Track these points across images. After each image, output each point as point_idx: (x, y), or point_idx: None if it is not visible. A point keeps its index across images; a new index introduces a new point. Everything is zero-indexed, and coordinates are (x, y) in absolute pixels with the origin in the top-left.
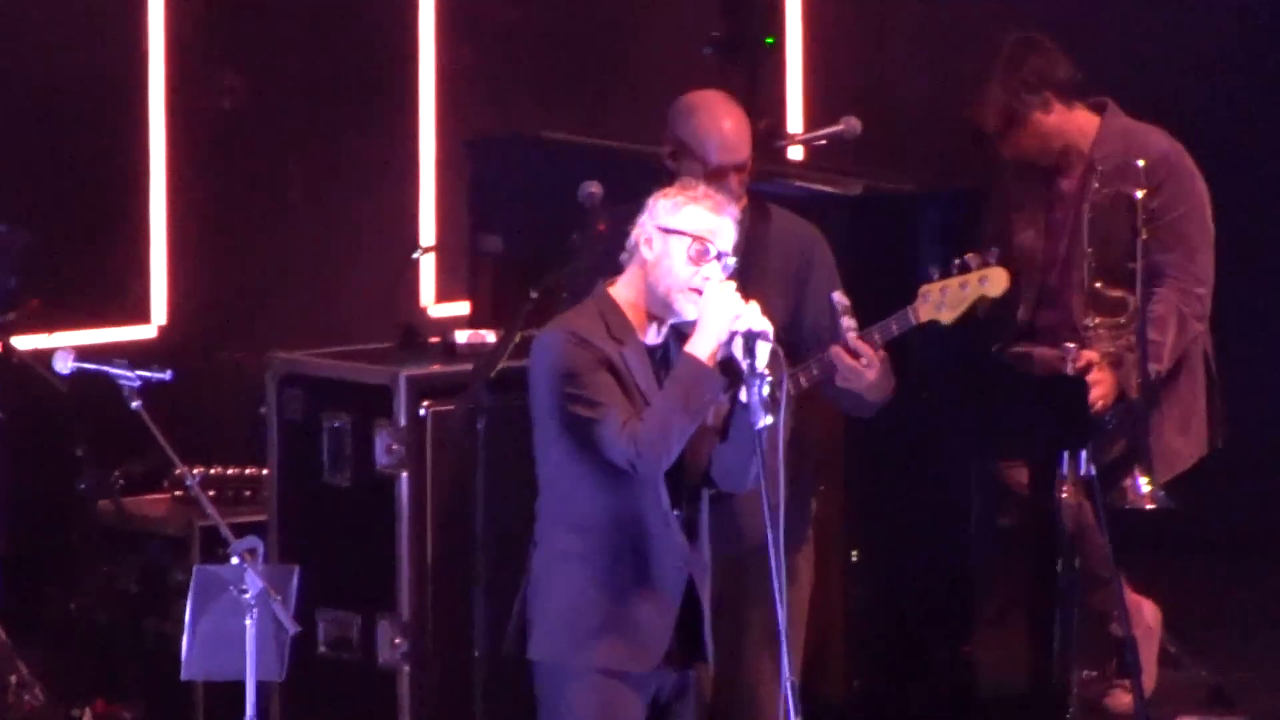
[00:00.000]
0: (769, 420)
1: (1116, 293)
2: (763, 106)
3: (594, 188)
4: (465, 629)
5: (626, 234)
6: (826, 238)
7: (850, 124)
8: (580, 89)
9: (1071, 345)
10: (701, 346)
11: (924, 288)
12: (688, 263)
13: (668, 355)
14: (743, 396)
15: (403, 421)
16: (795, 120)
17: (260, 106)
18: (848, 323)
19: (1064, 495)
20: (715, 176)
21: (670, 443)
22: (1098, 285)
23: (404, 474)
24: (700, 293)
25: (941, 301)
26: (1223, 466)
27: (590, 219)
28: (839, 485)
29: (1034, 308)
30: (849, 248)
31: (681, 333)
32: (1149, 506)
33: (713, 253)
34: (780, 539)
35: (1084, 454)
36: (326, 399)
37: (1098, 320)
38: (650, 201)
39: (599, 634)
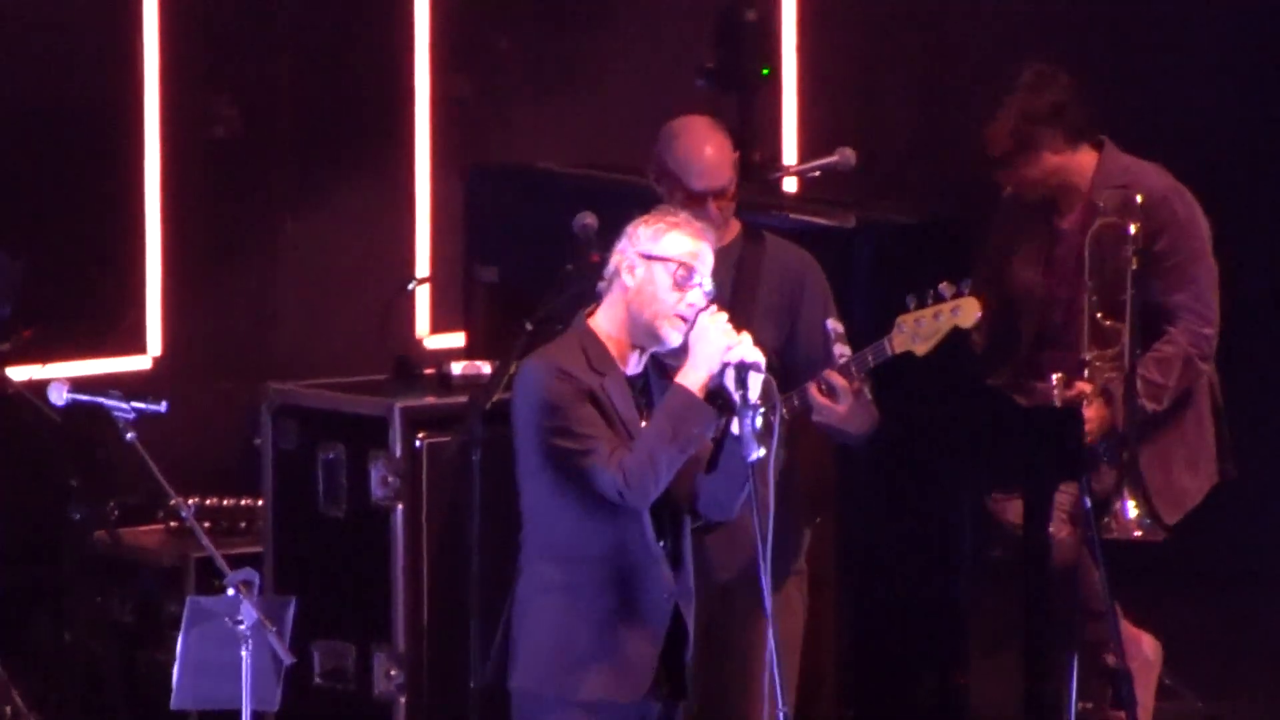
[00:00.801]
0: (761, 452)
1: (1111, 323)
2: (757, 138)
3: (589, 219)
4: (461, 660)
5: None
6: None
7: (845, 155)
8: (575, 120)
9: (1057, 376)
10: (693, 378)
11: (899, 318)
12: (672, 288)
13: (648, 385)
14: (734, 428)
15: (398, 453)
16: (790, 152)
17: (255, 136)
18: (841, 350)
19: (1058, 529)
20: (695, 202)
21: (659, 474)
22: (1098, 316)
23: (399, 505)
24: (685, 319)
25: (916, 332)
26: (1221, 496)
27: (585, 250)
28: (831, 516)
29: (1034, 346)
30: (843, 279)
31: (660, 363)
32: (1136, 534)
33: (696, 278)
34: (768, 569)
35: (1079, 486)
36: (321, 430)
37: (1094, 353)
38: (630, 229)
39: (583, 665)
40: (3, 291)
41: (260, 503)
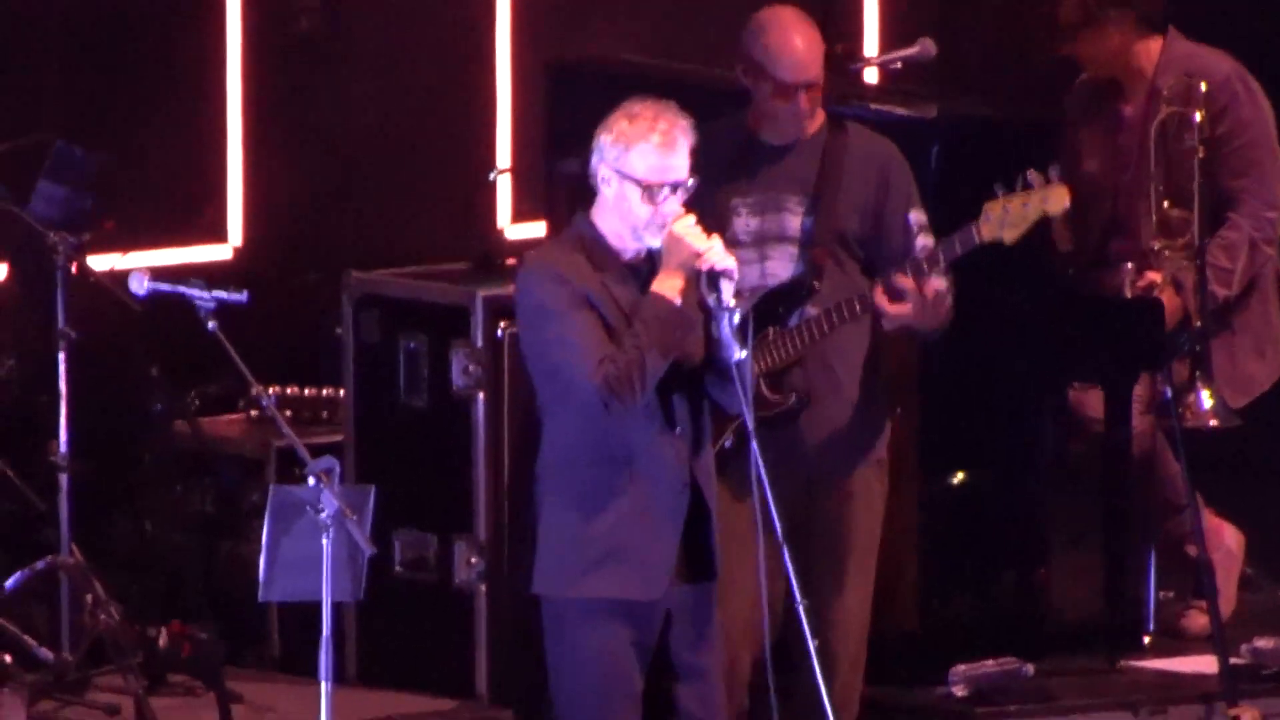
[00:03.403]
0: (743, 354)
1: (1179, 213)
2: (839, 28)
3: None
4: None
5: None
6: None
7: (926, 46)
8: (658, 11)
9: (1129, 265)
10: (667, 285)
11: (987, 205)
12: (645, 203)
13: (655, 271)
14: (714, 331)
15: (479, 342)
16: (871, 43)
17: (337, 27)
18: (923, 242)
19: (1136, 422)
20: (785, 94)
21: (642, 382)
22: (1165, 206)
23: (480, 395)
24: (666, 225)
25: (1004, 220)
26: None
27: None
28: (913, 408)
29: (1104, 235)
30: (922, 171)
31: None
32: (1212, 423)
33: (665, 192)
34: (762, 469)
35: (1161, 377)
36: (403, 320)
37: (1163, 242)
38: (599, 136)
39: (600, 566)
40: (85, 183)
41: (341, 392)
